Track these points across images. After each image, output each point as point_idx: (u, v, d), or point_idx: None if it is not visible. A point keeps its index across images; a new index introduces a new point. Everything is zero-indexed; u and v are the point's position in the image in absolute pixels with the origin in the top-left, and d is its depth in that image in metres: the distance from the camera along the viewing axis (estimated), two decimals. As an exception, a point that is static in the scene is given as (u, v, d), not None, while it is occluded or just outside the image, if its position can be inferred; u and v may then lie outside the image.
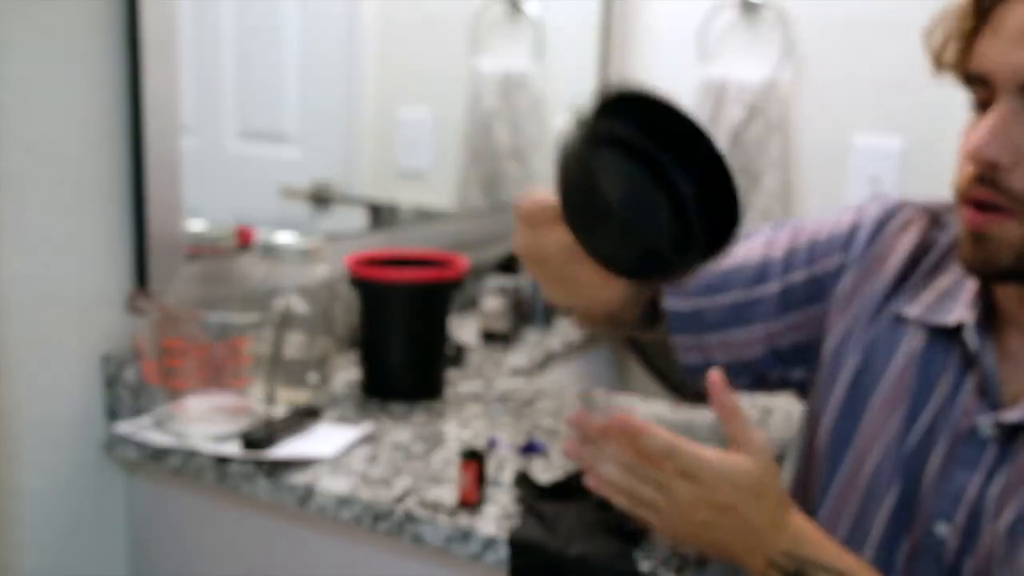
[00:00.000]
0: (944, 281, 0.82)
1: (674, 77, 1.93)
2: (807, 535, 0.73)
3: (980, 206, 0.70)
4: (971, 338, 0.77)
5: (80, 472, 0.99)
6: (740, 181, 2.05)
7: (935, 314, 0.81)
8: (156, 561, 1.04)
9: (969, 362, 0.78)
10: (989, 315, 0.79)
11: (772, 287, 0.91)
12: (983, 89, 0.71)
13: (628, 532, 0.80)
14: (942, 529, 0.76)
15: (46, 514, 0.97)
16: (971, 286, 0.80)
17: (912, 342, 0.82)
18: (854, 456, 0.84)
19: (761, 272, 0.91)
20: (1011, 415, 0.74)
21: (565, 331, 1.52)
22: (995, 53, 0.69)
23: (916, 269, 0.85)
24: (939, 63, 0.76)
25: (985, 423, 0.75)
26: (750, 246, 0.94)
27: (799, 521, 0.74)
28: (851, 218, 0.90)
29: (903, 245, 0.86)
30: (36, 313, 0.93)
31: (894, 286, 0.85)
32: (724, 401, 0.73)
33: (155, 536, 1.04)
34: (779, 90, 1.80)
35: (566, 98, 1.92)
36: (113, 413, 1.00)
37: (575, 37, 1.91)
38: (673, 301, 0.94)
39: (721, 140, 1.83)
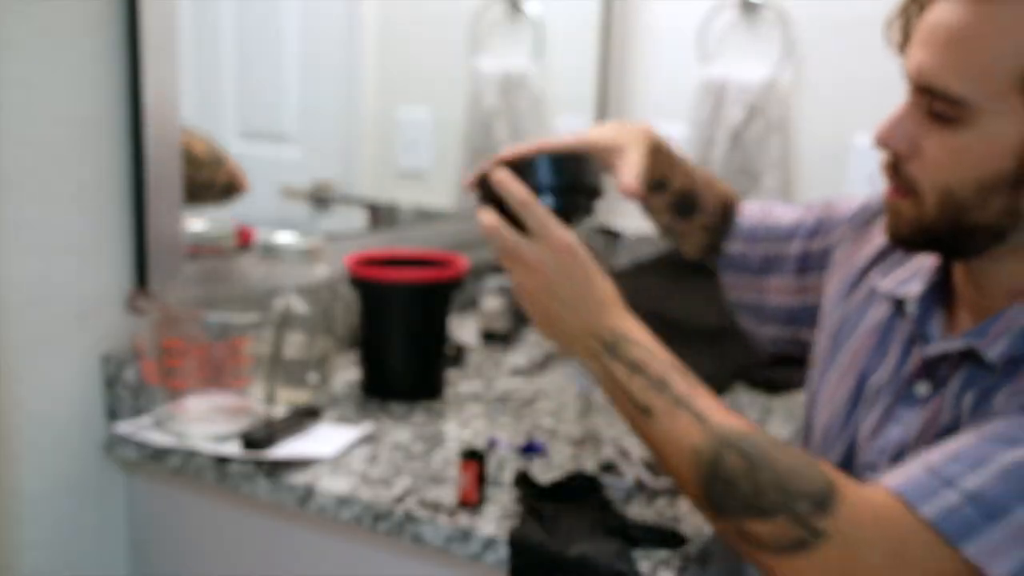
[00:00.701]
0: (919, 260, 0.88)
1: (674, 77, 1.93)
2: (629, 319, 0.80)
3: (891, 184, 0.80)
4: (912, 308, 0.83)
5: (80, 472, 0.99)
6: (740, 181, 2.05)
7: (899, 289, 0.87)
8: (156, 561, 1.04)
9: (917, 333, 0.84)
10: (944, 291, 0.84)
11: (795, 247, 1.02)
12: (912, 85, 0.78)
13: (628, 532, 0.80)
14: (868, 477, 0.81)
15: (46, 513, 0.97)
16: (931, 263, 0.85)
17: (877, 313, 0.88)
18: (816, 414, 0.91)
19: (791, 232, 1.03)
20: (932, 349, 0.80)
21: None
22: (909, 52, 0.76)
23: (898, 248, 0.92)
24: (899, 52, 0.83)
25: (920, 383, 0.81)
26: (793, 209, 1.06)
27: (624, 311, 0.81)
28: (865, 198, 0.98)
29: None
30: (36, 313, 0.93)
31: (875, 260, 0.92)
32: (517, 194, 0.81)
33: (155, 536, 1.04)
34: (779, 90, 1.80)
35: (566, 98, 1.93)
36: (113, 413, 1.00)
37: (575, 37, 1.91)
38: (726, 245, 1.07)
39: (721, 140, 1.83)
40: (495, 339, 1.43)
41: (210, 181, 1.18)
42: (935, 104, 0.73)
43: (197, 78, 1.16)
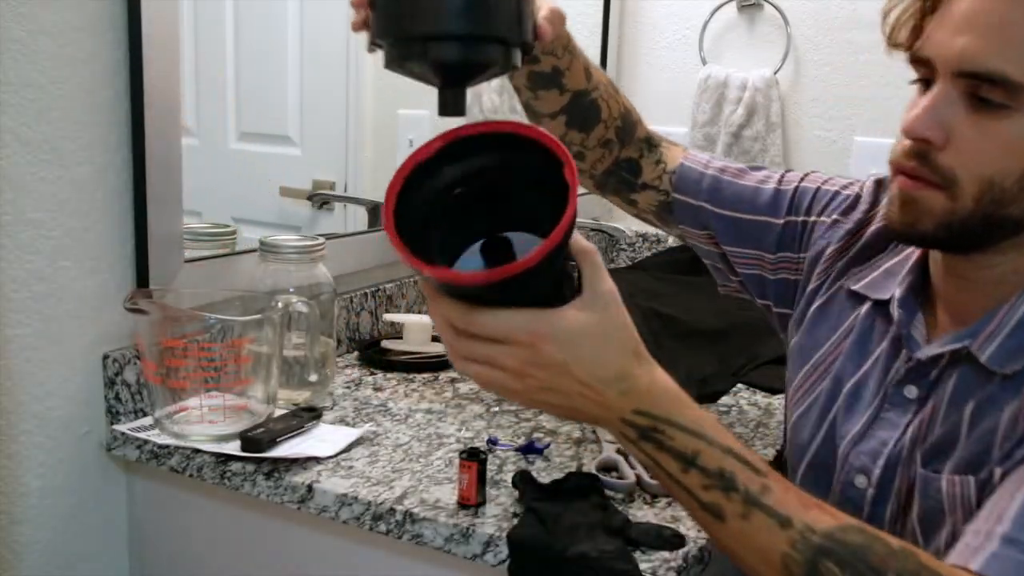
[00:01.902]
0: (893, 260, 0.88)
1: (674, 77, 1.93)
2: (663, 390, 0.65)
3: (912, 175, 0.74)
4: (895, 309, 0.83)
5: (80, 472, 0.99)
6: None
7: (877, 290, 0.87)
8: (156, 561, 1.04)
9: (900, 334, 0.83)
10: (924, 291, 0.84)
11: (774, 222, 0.96)
12: (926, 70, 0.74)
13: (628, 532, 0.80)
14: (861, 480, 0.82)
15: (47, 513, 0.97)
16: (909, 262, 0.85)
17: (849, 315, 0.89)
18: (790, 413, 0.91)
19: (768, 206, 0.97)
20: (923, 352, 0.79)
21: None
22: (939, 38, 0.72)
23: (875, 244, 0.90)
24: (892, 42, 0.80)
25: (910, 387, 0.81)
26: (767, 175, 1.00)
27: (655, 375, 0.66)
28: (856, 188, 0.95)
29: (877, 223, 0.91)
30: (36, 313, 0.93)
31: (843, 258, 0.92)
32: (581, 243, 0.65)
33: (155, 536, 1.04)
34: (779, 90, 1.80)
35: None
36: (113, 413, 1.00)
37: (575, 37, 1.91)
38: (681, 196, 1.00)
39: (721, 140, 1.83)
40: (495, 339, 1.42)
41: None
42: (983, 90, 0.69)
43: (197, 78, 1.16)
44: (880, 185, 0.93)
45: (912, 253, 0.86)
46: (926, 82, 0.75)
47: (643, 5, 1.94)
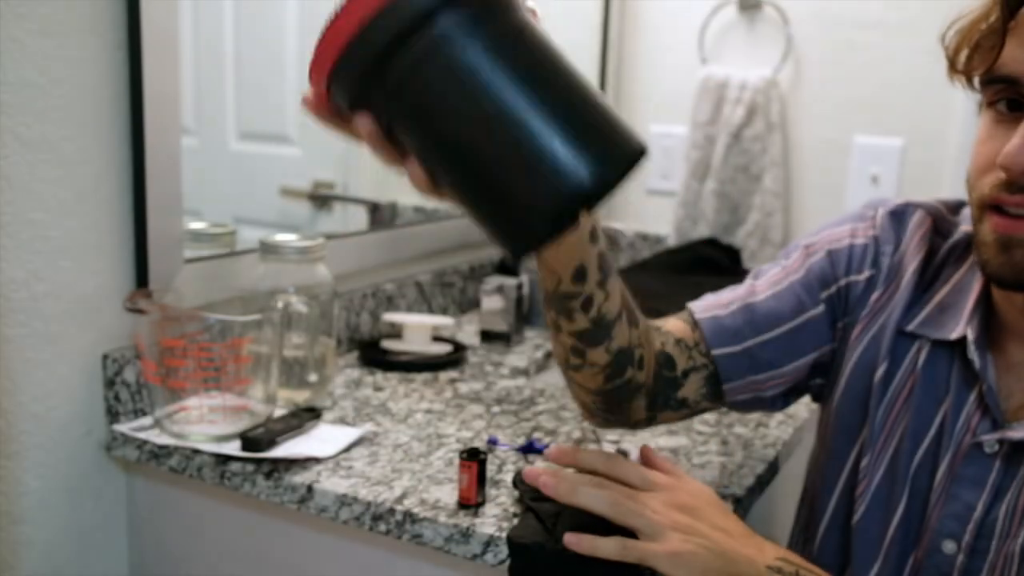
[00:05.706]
0: (943, 292, 0.81)
1: (674, 77, 1.93)
2: (785, 551, 0.73)
3: (1016, 215, 0.67)
4: (974, 353, 0.76)
5: (80, 472, 0.99)
6: (740, 181, 2.03)
7: (936, 328, 0.80)
8: (156, 561, 1.04)
9: (971, 376, 0.77)
10: (988, 326, 0.78)
11: (816, 310, 0.85)
12: (1009, 92, 0.68)
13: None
14: (949, 547, 0.76)
15: (46, 514, 0.97)
16: (971, 297, 0.79)
17: (914, 356, 0.81)
18: (859, 466, 0.83)
19: (797, 301, 0.85)
20: (1017, 433, 0.73)
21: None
22: None
23: (921, 281, 0.83)
24: (954, 65, 0.73)
25: (990, 440, 0.75)
26: (775, 278, 0.88)
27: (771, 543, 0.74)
28: (866, 229, 0.87)
29: (914, 258, 0.84)
30: (36, 313, 0.93)
31: (909, 302, 0.83)
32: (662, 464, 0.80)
33: (155, 536, 1.04)
34: (779, 90, 1.80)
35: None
36: (113, 413, 1.00)
37: (575, 37, 1.91)
38: (722, 350, 0.85)
39: (721, 140, 1.83)
40: (495, 339, 1.43)
41: None
42: None
43: (197, 78, 1.16)
44: (895, 217, 0.85)
45: (971, 284, 0.79)
46: (1012, 104, 0.68)
47: (643, 5, 1.94)
